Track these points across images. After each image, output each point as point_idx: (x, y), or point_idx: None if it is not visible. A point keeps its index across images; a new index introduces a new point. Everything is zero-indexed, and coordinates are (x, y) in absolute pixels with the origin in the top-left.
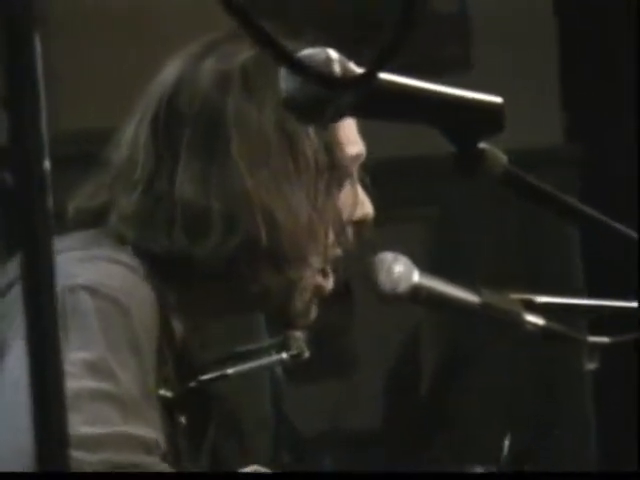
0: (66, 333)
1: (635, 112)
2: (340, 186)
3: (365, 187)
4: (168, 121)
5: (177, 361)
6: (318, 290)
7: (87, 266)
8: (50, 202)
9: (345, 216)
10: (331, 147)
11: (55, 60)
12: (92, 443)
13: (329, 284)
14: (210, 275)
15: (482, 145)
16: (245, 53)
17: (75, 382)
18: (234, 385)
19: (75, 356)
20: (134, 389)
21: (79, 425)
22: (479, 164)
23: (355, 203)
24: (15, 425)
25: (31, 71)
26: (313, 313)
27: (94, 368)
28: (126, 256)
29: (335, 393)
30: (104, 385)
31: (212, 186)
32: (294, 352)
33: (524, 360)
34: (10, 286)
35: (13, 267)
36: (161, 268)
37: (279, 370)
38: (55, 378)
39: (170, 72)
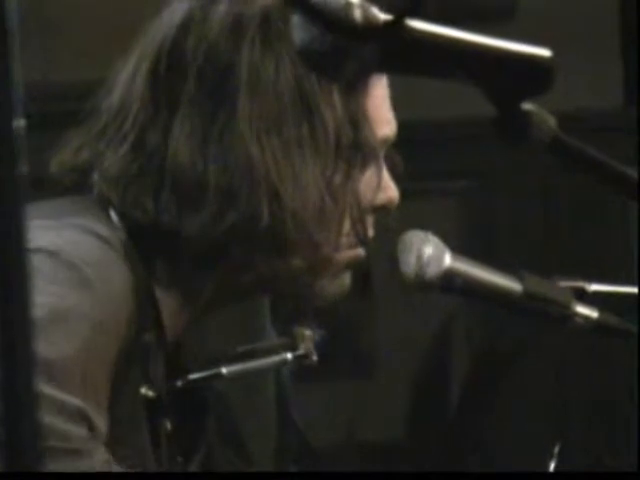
0: None
1: None
2: (363, 168)
3: (392, 164)
4: (170, 67)
5: (165, 358)
6: (351, 262)
7: (54, 233)
8: (23, 167)
9: (365, 202)
10: (358, 123)
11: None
12: None
13: (360, 252)
14: (200, 256)
15: (527, 106)
16: None
17: None
18: (232, 388)
19: None
20: (76, 364)
21: None
22: (524, 129)
23: (378, 187)
24: None
25: None
26: (341, 287)
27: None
28: (105, 228)
29: (349, 399)
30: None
31: (211, 149)
32: (300, 353)
33: (573, 357)
34: None
35: None
36: (146, 243)
37: (286, 369)
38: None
39: (176, 11)
